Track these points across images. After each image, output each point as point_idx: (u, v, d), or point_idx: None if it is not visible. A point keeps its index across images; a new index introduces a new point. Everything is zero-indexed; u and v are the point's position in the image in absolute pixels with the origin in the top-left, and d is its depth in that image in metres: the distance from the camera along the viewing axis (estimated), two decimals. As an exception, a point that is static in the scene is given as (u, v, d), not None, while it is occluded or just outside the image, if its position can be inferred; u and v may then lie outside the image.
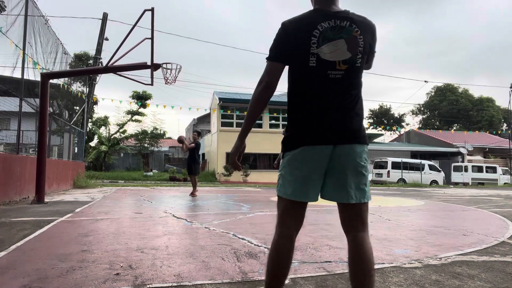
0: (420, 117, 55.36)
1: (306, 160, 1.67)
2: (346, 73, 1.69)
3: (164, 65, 8.36)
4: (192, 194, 9.97)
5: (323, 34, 1.68)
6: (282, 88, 1.75)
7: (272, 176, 24.34)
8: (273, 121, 26.85)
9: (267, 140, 25.34)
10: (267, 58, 1.76)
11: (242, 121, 22.58)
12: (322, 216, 6.02)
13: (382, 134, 43.14)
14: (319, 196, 1.74)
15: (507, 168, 28.78)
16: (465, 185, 25.46)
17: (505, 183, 26.78)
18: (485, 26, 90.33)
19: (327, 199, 1.74)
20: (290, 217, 1.73)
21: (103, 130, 30.53)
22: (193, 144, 9.91)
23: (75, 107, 16.24)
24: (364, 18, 1.81)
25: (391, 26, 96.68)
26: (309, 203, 1.73)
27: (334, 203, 1.74)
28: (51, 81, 8.56)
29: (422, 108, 54.50)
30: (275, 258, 1.70)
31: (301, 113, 1.72)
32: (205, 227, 4.65)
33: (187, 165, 10.37)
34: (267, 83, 1.74)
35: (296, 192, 1.69)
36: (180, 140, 9.95)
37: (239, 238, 3.94)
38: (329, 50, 1.67)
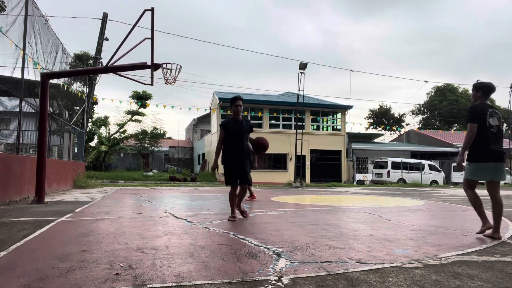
0: (420, 117, 55.41)
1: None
2: (498, 130, 4.24)
3: (164, 65, 8.36)
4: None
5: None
6: (282, 88, 1.75)
7: (272, 176, 24.34)
8: (273, 121, 26.85)
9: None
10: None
11: None
12: (322, 216, 6.02)
13: (382, 134, 43.17)
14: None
15: (507, 168, 28.78)
16: (465, 185, 25.43)
17: (505, 183, 26.78)
18: (485, 24, 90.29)
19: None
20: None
21: (103, 130, 30.55)
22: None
23: (75, 107, 16.24)
24: None
25: (389, 24, 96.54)
26: (309, 203, 1.73)
27: (334, 203, 1.74)
28: (51, 81, 8.56)
29: (422, 108, 54.51)
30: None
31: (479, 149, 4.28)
32: (205, 227, 4.65)
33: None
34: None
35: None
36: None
37: (239, 238, 3.94)
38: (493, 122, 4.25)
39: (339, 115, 28.58)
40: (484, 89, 4.41)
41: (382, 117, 52.73)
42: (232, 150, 5.26)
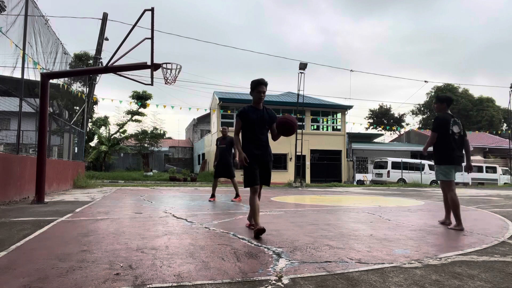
0: (420, 117, 55.37)
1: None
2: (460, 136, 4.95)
3: (164, 65, 8.36)
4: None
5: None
6: (282, 88, 1.75)
7: (272, 176, 24.26)
8: (273, 121, 26.82)
9: (267, 140, 25.28)
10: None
11: None
12: (322, 216, 6.02)
13: (382, 134, 43.14)
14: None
15: (507, 168, 28.79)
16: (465, 185, 25.46)
17: (505, 183, 26.79)
18: (485, 24, 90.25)
19: None
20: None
21: (103, 130, 30.54)
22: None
23: (75, 107, 16.25)
24: None
25: (389, 23, 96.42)
26: (309, 203, 1.74)
27: (334, 204, 1.74)
28: (51, 81, 8.57)
29: (422, 108, 54.49)
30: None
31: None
32: (205, 227, 4.65)
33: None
34: None
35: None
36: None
37: (239, 238, 3.94)
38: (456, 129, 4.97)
39: (339, 115, 28.59)
40: (447, 101, 5.26)
41: (382, 117, 52.71)
42: (253, 145, 4.39)
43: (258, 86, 4.40)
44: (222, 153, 8.87)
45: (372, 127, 52.00)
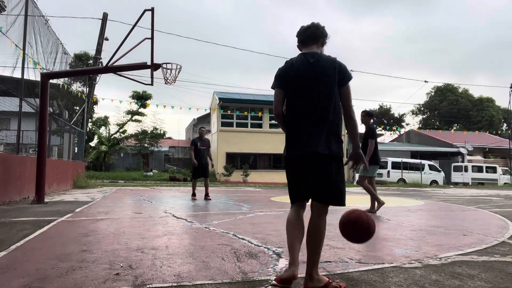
0: (420, 117, 55.39)
1: None
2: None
3: (164, 65, 8.36)
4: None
5: None
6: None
7: (272, 176, 24.34)
8: (273, 121, 26.83)
9: (267, 140, 25.32)
10: None
11: (242, 121, 21.77)
12: (322, 216, 6.02)
13: (382, 134, 43.13)
14: None
15: (507, 168, 28.78)
16: (465, 185, 25.47)
17: (505, 183, 26.78)
18: (485, 23, 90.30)
19: None
20: None
21: (103, 130, 30.53)
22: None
23: (75, 107, 16.26)
24: None
25: (388, 22, 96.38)
26: (309, 203, 1.77)
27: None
28: (51, 81, 8.57)
29: (422, 108, 54.50)
30: None
31: None
32: (205, 227, 4.65)
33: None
34: None
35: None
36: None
37: (239, 238, 3.94)
38: None
39: (339, 115, 28.54)
40: (373, 115, 6.92)
41: (382, 117, 52.72)
42: (301, 129, 2.38)
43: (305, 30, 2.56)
44: (202, 155, 9.20)
45: (372, 127, 51.94)
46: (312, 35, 2.51)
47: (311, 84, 2.37)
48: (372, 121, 6.70)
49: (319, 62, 2.41)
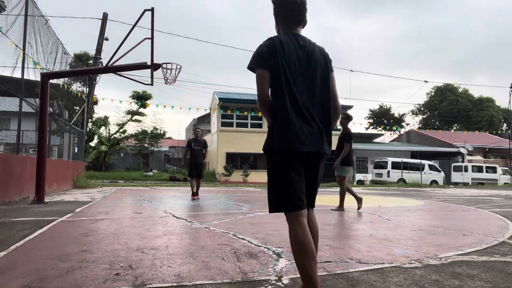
0: (420, 117, 55.40)
1: None
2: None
3: (164, 65, 8.36)
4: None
5: None
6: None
7: (272, 176, 24.30)
8: (273, 121, 26.83)
9: (267, 140, 25.26)
10: None
11: (242, 121, 21.84)
12: (322, 216, 6.02)
13: (382, 134, 43.16)
14: None
15: (507, 168, 28.79)
16: (465, 185, 25.47)
17: (505, 183, 26.79)
18: (485, 23, 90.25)
19: None
20: None
21: (103, 130, 30.52)
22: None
23: (75, 107, 16.25)
24: None
25: (388, 22, 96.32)
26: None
27: (334, 203, 1.74)
28: (51, 81, 8.56)
29: (422, 108, 54.51)
30: None
31: None
32: (205, 227, 4.65)
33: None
34: None
35: None
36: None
37: (239, 238, 3.94)
38: None
39: (339, 115, 28.54)
40: (352, 119, 7.36)
41: (382, 117, 52.71)
42: (298, 118, 2.03)
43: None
44: (197, 155, 9.38)
45: (372, 127, 52.00)
46: (303, 14, 2.17)
47: (308, 72, 2.07)
48: (348, 123, 7.24)
49: (310, 47, 2.12)
